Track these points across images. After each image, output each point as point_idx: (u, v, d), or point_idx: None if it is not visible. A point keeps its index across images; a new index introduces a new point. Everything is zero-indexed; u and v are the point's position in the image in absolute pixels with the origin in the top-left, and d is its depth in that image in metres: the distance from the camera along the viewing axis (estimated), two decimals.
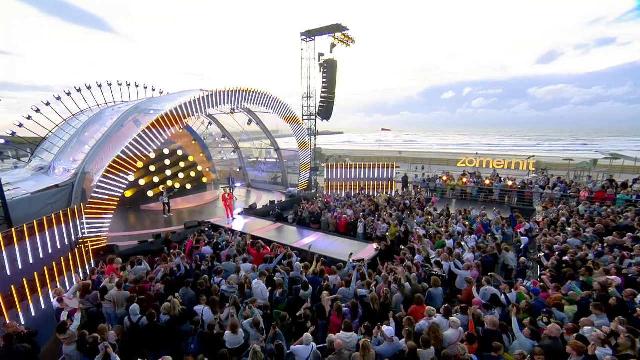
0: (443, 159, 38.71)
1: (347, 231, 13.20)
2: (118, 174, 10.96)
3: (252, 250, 9.35)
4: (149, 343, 5.94)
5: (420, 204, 15.00)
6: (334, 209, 14.84)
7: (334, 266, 8.33)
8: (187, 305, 7.04)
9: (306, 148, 19.77)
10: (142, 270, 8.48)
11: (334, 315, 6.18)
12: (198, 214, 15.82)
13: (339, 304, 6.22)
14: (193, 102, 12.70)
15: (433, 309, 5.80)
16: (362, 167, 19.49)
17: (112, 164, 10.67)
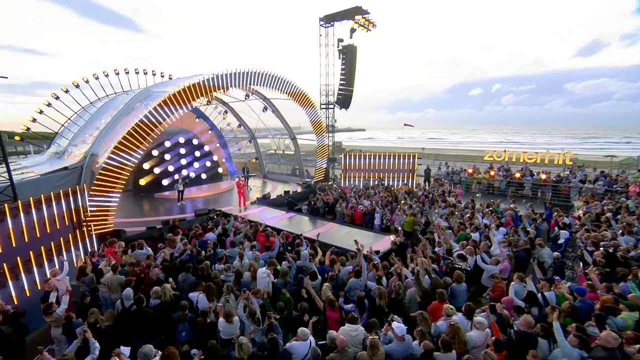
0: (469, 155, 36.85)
1: (362, 222, 12.48)
2: (124, 153, 10.66)
3: (260, 238, 8.79)
4: (138, 329, 5.47)
5: (443, 195, 13.99)
6: (349, 200, 14.14)
7: (342, 257, 7.62)
8: (187, 291, 6.58)
9: (322, 132, 18.98)
10: (142, 255, 8.10)
11: (328, 309, 5.49)
12: (213, 202, 15.53)
13: (330, 296, 5.53)
14: (200, 83, 12.24)
15: (452, 308, 4.98)
16: (381, 156, 18.56)
17: (117, 144, 10.39)
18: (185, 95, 11.90)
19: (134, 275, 6.77)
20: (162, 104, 11.23)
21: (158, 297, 5.99)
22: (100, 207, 10.18)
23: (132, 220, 12.48)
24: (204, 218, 12.06)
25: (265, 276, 6.65)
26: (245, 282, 6.74)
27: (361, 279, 6.55)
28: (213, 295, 5.99)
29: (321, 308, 5.66)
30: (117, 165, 10.63)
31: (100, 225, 9.97)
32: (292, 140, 19.87)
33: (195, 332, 5.45)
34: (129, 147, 10.71)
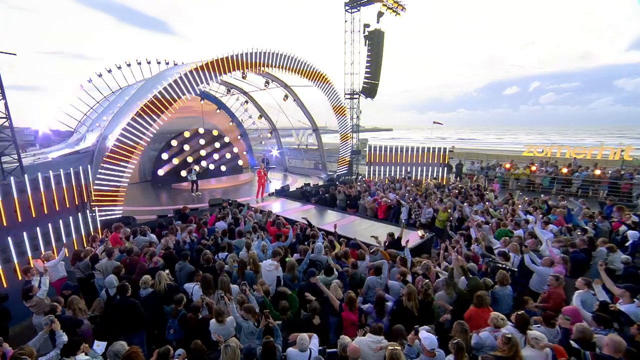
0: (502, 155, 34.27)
1: (387, 217, 11.45)
2: (136, 130, 10.23)
3: (270, 228, 8.01)
4: (122, 322, 4.81)
5: (478, 190, 12.64)
6: (374, 192, 13.14)
7: (362, 250, 6.67)
8: (184, 281, 5.91)
9: (344, 115, 17.96)
10: (144, 242, 7.55)
11: (346, 310, 4.57)
12: (231, 194, 15.05)
13: (351, 294, 4.60)
14: (210, 63, 11.63)
15: (502, 318, 3.92)
16: (409, 149, 17.34)
17: (130, 121, 9.98)
18: (197, 74, 11.32)
19: (127, 262, 6.19)
20: (174, 83, 10.73)
21: (149, 287, 5.34)
22: (107, 190, 9.76)
23: (144, 209, 12.16)
24: (218, 208, 11.48)
25: (273, 269, 5.84)
26: (249, 274, 5.97)
27: (381, 277, 5.59)
28: (210, 288, 5.24)
29: (337, 308, 4.76)
30: (129, 141, 10.17)
31: (107, 210, 9.55)
32: (315, 131, 19.03)
33: (186, 330, 4.72)
34: (142, 125, 10.25)
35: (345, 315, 4.62)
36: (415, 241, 8.77)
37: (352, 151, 19.17)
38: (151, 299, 5.28)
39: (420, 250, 8.47)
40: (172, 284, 5.61)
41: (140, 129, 10.31)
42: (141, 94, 11.25)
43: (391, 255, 6.53)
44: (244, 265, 6.04)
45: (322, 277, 5.71)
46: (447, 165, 16.85)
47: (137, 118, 10.17)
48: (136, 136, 10.30)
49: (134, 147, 10.27)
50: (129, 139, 10.17)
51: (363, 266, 6.24)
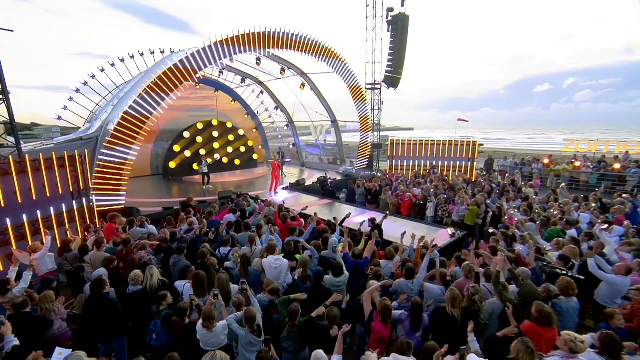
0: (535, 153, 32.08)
1: (411, 213, 10.55)
2: (144, 105, 9.66)
3: (278, 222, 7.19)
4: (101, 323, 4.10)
5: (514, 185, 11.42)
6: (396, 187, 12.17)
7: (390, 247, 5.75)
8: (178, 278, 5.19)
9: (363, 100, 16.92)
10: (140, 233, 6.90)
11: (377, 320, 3.69)
12: (245, 188, 14.40)
13: (386, 301, 3.71)
14: (218, 43, 10.90)
15: (581, 339, 2.93)
16: (434, 144, 16.18)
17: (131, 104, 9.40)
18: (205, 54, 10.61)
19: (119, 255, 5.52)
20: (179, 63, 10.08)
21: (138, 283, 4.63)
22: (108, 176, 9.19)
23: (150, 201, 11.68)
24: (228, 201, 10.81)
25: (278, 265, 5.01)
26: (254, 271, 5.17)
27: (414, 281, 4.66)
28: (202, 288, 4.46)
29: (366, 315, 3.89)
30: (134, 120, 9.55)
31: (108, 199, 8.98)
32: (333, 123, 18.16)
33: (172, 336, 3.96)
34: (148, 103, 9.66)
35: (375, 327, 3.73)
36: (445, 240, 7.82)
37: (373, 145, 18.15)
38: (140, 298, 4.58)
39: (451, 250, 7.50)
40: (165, 280, 4.88)
41: (146, 107, 9.68)
42: (147, 75, 10.68)
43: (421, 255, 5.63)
44: (248, 261, 5.25)
45: (329, 277, 4.86)
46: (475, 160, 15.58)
47: (144, 95, 9.57)
48: (141, 115, 9.66)
49: (139, 127, 9.63)
50: (133, 117, 9.55)
51: (388, 267, 5.32)
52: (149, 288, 4.66)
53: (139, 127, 9.58)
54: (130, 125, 9.48)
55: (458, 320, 3.76)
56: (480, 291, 3.96)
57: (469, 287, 4.04)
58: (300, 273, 4.90)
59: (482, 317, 3.98)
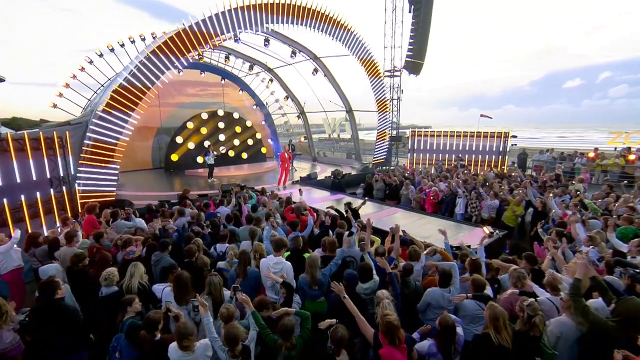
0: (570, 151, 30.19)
1: (437, 210, 9.62)
2: (125, 102, 8.97)
3: (289, 215, 6.35)
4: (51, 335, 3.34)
5: (558, 181, 10.29)
6: (419, 181, 11.24)
7: (414, 246, 4.85)
8: (158, 279, 4.42)
9: (378, 77, 15.77)
10: (125, 227, 6.17)
11: (385, 344, 2.83)
12: (252, 182, 13.67)
13: (390, 317, 2.85)
14: (215, 15, 10.13)
15: None
16: (460, 136, 15.11)
17: (117, 88, 8.71)
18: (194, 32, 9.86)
19: (90, 252, 4.79)
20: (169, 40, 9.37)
21: (113, 284, 3.90)
22: (95, 161, 8.53)
23: (146, 194, 11.06)
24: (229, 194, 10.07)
25: (277, 271, 4.15)
26: (253, 272, 4.34)
27: (450, 289, 3.75)
28: (185, 294, 3.65)
29: (370, 338, 3.01)
30: (129, 95, 8.86)
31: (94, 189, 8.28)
32: (348, 113, 17.26)
33: (140, 354, 3.16)
34: (131, 93, 8.97)
35: (384, 353, 2.83)
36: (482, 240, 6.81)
37: (391, 137, 17.16)
38: (115, 302, 3.81)
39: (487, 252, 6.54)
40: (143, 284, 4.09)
41: (143, 80, 9.03)
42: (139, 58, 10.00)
43: (457, 257, 4.71)
44: (247, 260, 4.41)
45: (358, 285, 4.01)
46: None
47: (142, 65, 8.92)
48: (137, 89, 8.99)
49: (138, 98, 8.98)
50: (133, 86, 8.90)
51: (417, 273, 4.43)
52: (125, 290, 3.89)
53: (138, 97, 8.89)
54: (128, 95, 8.80)
55: (509, 349, 2.82)
56: (539, 309, 3.00)
57: (521, 304, 3.10)
58: (307, 276, 4.04)
59: (546, 344, 3.02)
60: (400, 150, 19.34)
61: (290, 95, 18.85)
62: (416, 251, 4.64)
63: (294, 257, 4.60)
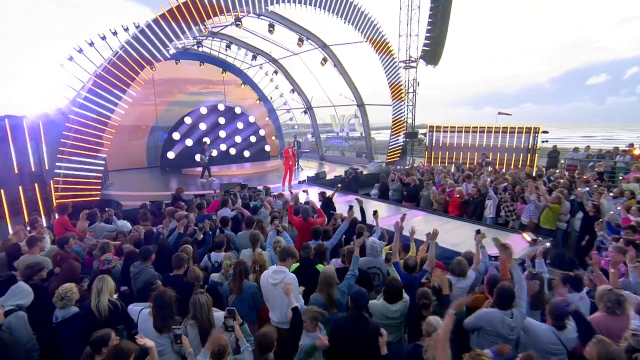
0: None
1: (462, 213, 8.90)
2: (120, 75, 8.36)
3: (293, 219, 5.60)
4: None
5: (602, 180, 9.45)
6: (439, 181, 10.49)
7: (460, 257, 4.07)
8: (137, 297, 3.70)
9: (391, 55, 14.79)
10: (106, 230, 5.49)
11: None
12: (255, 182, 13.05)
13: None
14: None
15: None
16: (483, 132, 14.30)
17: (113, 59, 8.10)
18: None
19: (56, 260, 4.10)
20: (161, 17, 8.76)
21: (72, 304, 3.19)
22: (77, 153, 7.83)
23: (138, 194, 10.45)
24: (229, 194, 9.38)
25: (278, 282, 3.40)
26: (250, 288, 3.61)
27: (513, 312, 2.97)
28: (167, 317, 2.93)
29: None
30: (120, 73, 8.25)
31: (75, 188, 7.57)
32: (359, 107, 16.53)
33: None
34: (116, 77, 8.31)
35: None
36: (521, 249, 6.02)
37: (407, 134, 16.36)
38: (77, 329, 3.10)
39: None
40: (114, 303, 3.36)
41: (141, 51, 8.46)
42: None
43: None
44: (244, 272, 3.67)
45: (377, 304, 3.26)
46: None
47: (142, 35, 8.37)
48: (135, 61, 8.40)
49: (135, 73, 8.41)
50: (124, 62, 8.33)
51: (461, 289, 3.66)
52: (96, 310, 3.16)
53: (134, 71, 8.33)
54: (124, 67, 8.19)
55: None
56: None
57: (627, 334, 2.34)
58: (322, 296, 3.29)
59: None
60: (415, 148, 18.53)
61: (297, 89, 18.17)
62: (461, 264, 3.85)
63: (304, 270, 3.85)
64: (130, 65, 8.23)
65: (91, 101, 7.86)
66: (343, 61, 15.20)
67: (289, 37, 14.05)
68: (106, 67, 8.04)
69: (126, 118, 15.13)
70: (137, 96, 15.72)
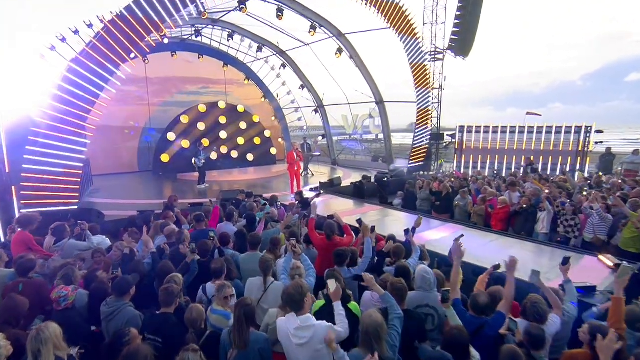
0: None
1: (507, 227, 8.18)
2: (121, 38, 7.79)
3: (315, 237, 4.81)
4: None
5: None
6: (477, 190, 9.69)
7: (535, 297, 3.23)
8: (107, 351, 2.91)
9: (414, 36, 13.70)
10: (78, 249, 4.77)
11: None
12: (260, 189, 12.44)
13: None
14: None
15: None
16: (524, 132, 13.48)
17: (115, 18, 7.57)
18: None
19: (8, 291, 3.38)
20: None
21: None
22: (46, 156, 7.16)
23: (125, 202, 9.86)
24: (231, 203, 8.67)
25: (307, 340, 2.61)
26: (259, 341, 2.82)
27: None
28: None
29: None
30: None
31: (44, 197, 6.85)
32: (378, 105, 15.78)
33: None
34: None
35: None
36: (606, 277, 5.15)
37: (432, 135, 15.55)
38: None
39: None
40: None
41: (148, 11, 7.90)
42: None
43: None
44: (250, 317, 2.88)
45: None
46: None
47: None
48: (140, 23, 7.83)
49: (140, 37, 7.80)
50: (127, 24, 7.76)
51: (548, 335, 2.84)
52: None
53: (139, 36, 7.74)
54: (127, 30, 7.64)
55: None
56: None
57: None
58: (366, 353, 2.49)
59: None
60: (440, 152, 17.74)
61: (307, 85, 17.53)
62: (537, 306, 3.01)
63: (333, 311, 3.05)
64: (129, 31, 7.63)
65: (78, 75, 7.29)
66: (361, 52, 14.50)
67: (299, 25, 13.45)
68: (100, 35, 7.41)
69: (115, 118, 14.92)
70: (128, 95, 15.70)
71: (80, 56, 7.34)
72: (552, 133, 12.93)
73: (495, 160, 13.90)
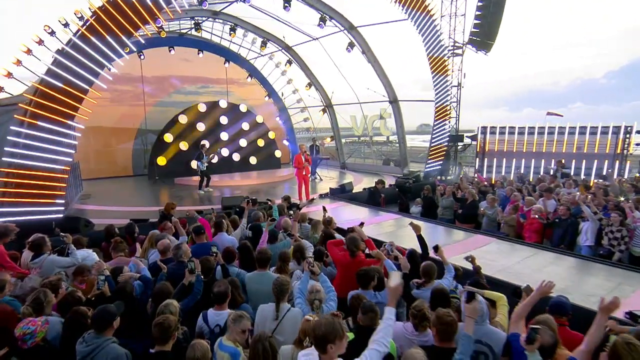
0: None
1: (542, 239, 7.76)
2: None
3: (335, 253, 4.34)
4: None
5: None
6: (505, 197, 9.25)
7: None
8: None
9: (429, 14, 13.17)
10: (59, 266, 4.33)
11: None
12: (263, 195, 12.09)
13: None
14: None
15: None
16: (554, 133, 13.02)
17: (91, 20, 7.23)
18: None
19: None
20: None
21: None
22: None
23: (117, 209, 9.60)
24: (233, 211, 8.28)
25: None
26: None
27: None
28: None
29: None
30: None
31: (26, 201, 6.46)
32: (392, 104, 15.38)
33: None
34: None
35: None
36: None
37: (450, 136, 15.08)
38: None
39: None
40: None
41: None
42: None
43: None
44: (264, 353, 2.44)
45: None
46: None
47: None
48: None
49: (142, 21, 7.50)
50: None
51: None
52: None
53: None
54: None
55: None
56: None
57: None
58: None
59: None
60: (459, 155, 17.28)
61: (314, 83, 17.21)
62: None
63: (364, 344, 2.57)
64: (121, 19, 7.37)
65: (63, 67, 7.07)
66: (374, 47, 14.14)
67: (307, 18, 13.13)
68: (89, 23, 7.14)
69: (108, 118, 14.71)
70: (122, 94, 15.50)
71: (66, 47, 6.96)
72: (585, 134, 12.40)
73: (521, 163, 13.41)
